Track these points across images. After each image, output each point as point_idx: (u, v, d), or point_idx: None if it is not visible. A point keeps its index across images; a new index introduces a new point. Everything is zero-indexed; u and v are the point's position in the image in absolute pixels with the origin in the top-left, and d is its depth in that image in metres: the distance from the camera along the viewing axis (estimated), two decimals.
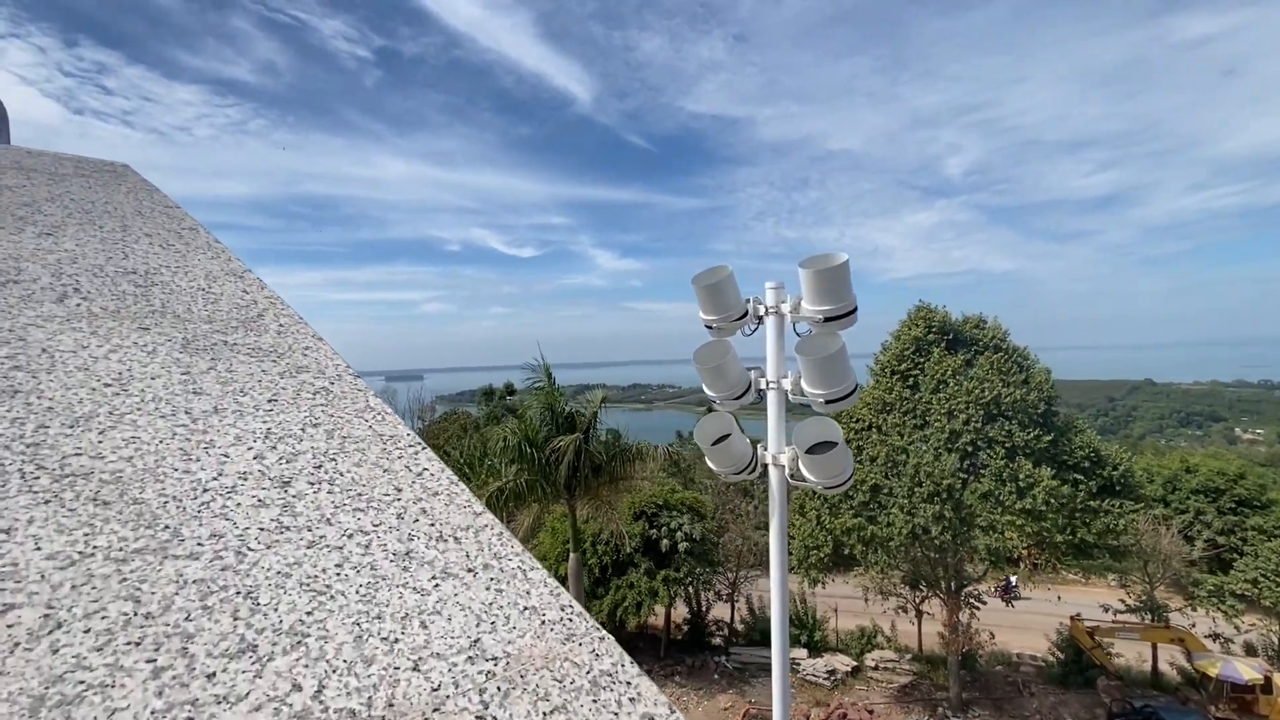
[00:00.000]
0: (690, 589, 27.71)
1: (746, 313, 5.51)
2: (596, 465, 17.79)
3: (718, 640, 29.03)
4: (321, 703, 0.65)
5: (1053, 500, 18.55)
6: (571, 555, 18.74)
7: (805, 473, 5.16)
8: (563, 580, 24.81)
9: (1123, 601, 25.37)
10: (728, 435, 5.62)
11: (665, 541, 25.69)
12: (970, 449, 19.82)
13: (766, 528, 33.11)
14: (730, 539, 29.40)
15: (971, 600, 23.38)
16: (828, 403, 4.99)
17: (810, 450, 5.19)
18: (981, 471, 19.66)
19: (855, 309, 4.98)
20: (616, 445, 18.18)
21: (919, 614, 26.68)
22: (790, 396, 5.21)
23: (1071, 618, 24.59)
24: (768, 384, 5.39)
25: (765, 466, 5.50)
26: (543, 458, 17.41)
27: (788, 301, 5.23)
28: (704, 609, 29.47)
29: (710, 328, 5.54)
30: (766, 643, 29.38)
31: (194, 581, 0.77)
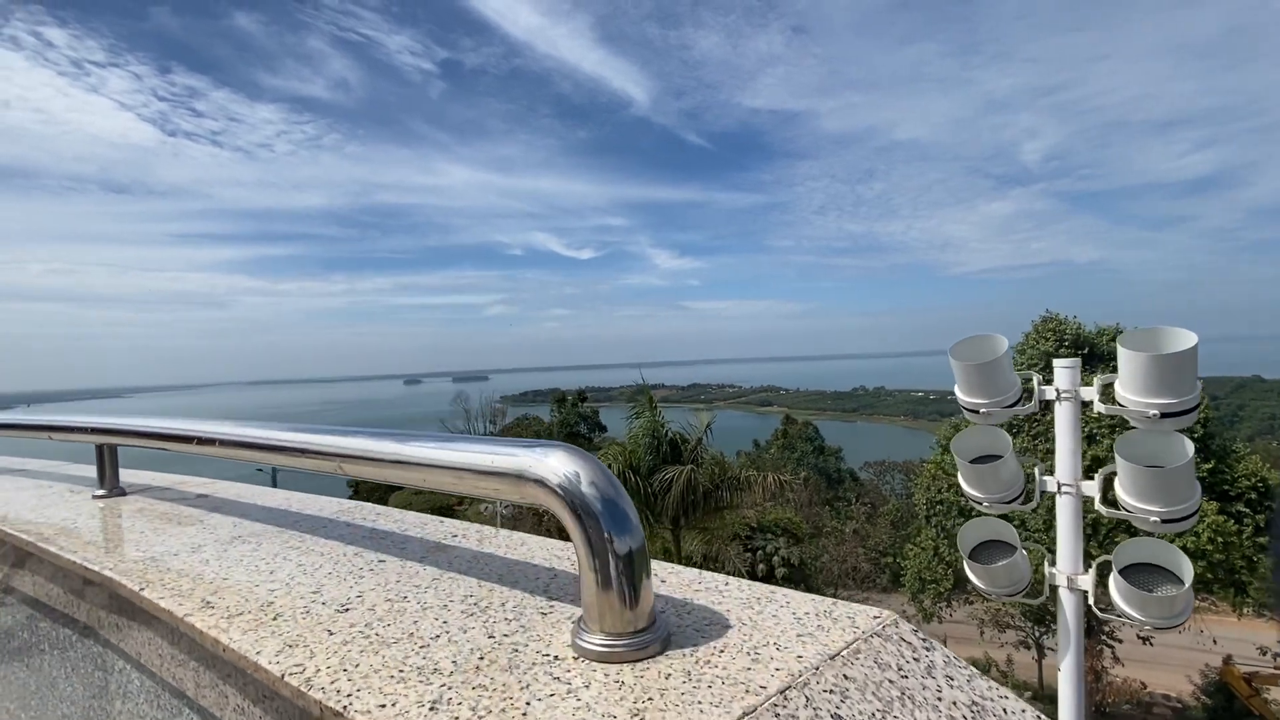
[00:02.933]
0: None
1: (1022, 396, 4.47)
2: (704, 494, 16.88)
3: None
4: None
5: (1219, 538, 16.46)
6: None
7: (1122, 604, 4.07)
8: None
9: None
10: (1002, 547, 4.59)
11: (762, 566, 24.61)
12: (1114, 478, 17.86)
13: (865, 547, 31.29)
14: (827, 561, 28.03)
15: (1106, 639, 21.30)
16: (1165, 522, 3.90)
17: (1126, 573, 4.10)
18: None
19: (1200, 403, 3.86)
20: (724, 474, 17.21)
21: (1040, 649, 24.62)
22: (1101, 508, 4.12)
23: (1224, 660, 22.11)
24: (1059, 487, 4.33)
25: (1053, 589, 4.44)
26: (648, 487, 16.65)
27: (1094, 385, 4.15)
28: None
29: (974, 412, 4.51)
30: None
31: None
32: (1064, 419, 4.25)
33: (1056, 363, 4.27)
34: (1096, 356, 19.76)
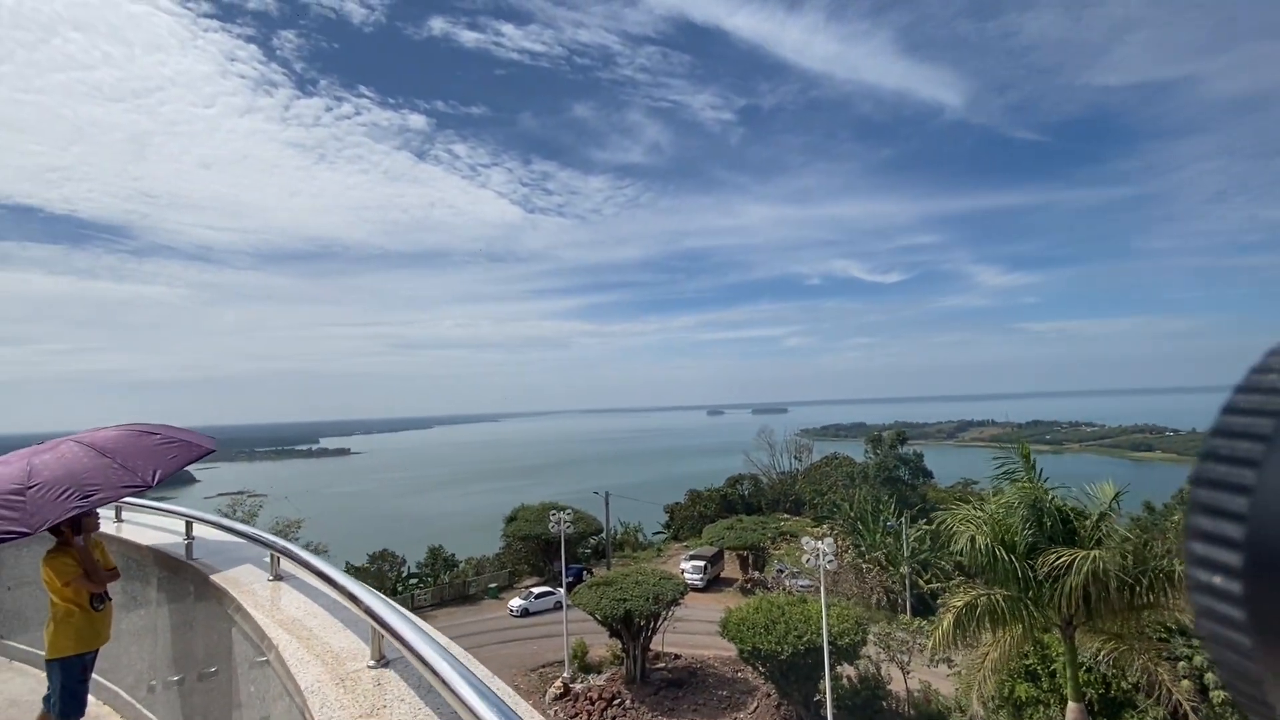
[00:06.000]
0: None
1: None
2: (1115, 588, 12.93)
3: None
4: None
5: None
6: (1072, 706, 14.02)
7: None
8: None
9: None
10: None
11: (1187, 683, 18.42)
12: None
13: None
14: None
15: None
16: None
17: None
18: None
19: None
20: (1143, 565, 13.00)
21: None
22: None
23: None
24: None
25: None
26: (1027, 571, 13.38)
27: None
28: None
29: None
30: None
31: None
32: None
33: None
34: None
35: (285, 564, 4.30)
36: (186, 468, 4.83)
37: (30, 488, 3.95)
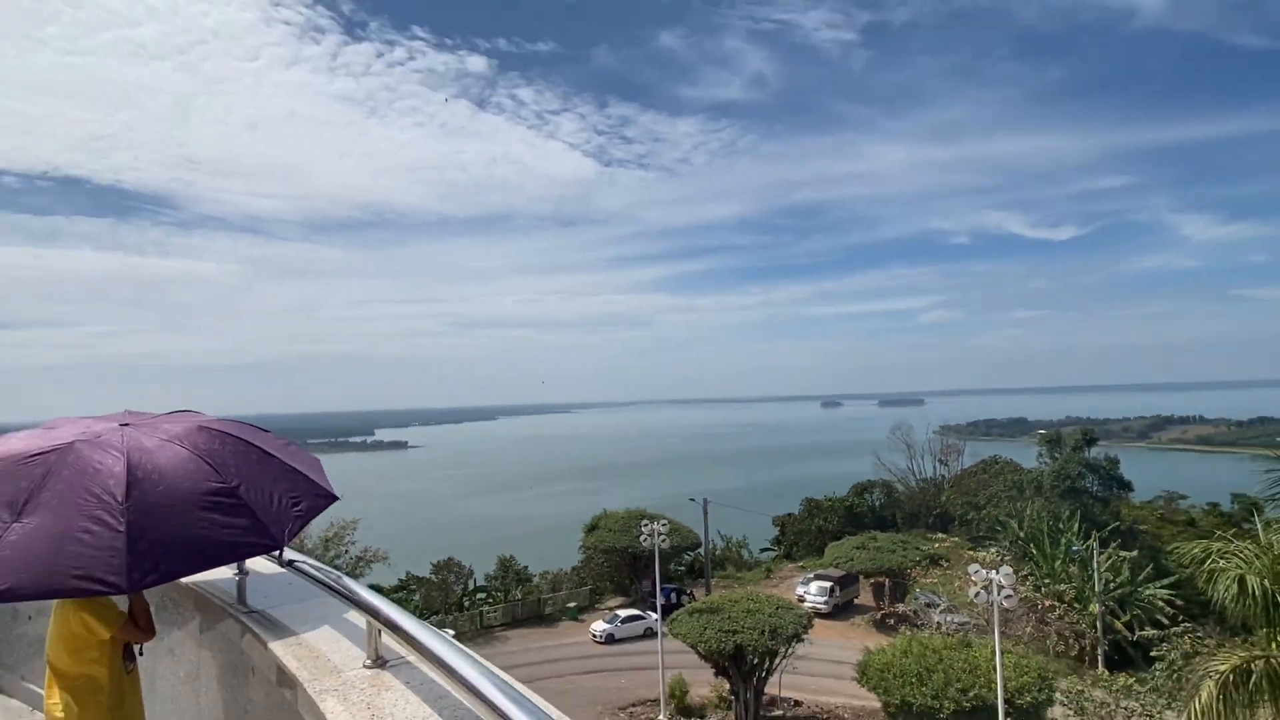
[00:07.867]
0: None
1: None
2: None
3: None
4: None
5: None
6: None
7: None
8: None
9: None
10: None
11: None
12: None
13: None
14: None
15: None
16: None
17: None
18: None
19: None
20: None
21: None
22: None
23: None
24: None
25: None
26: None
27: None
28: None
29: None
30: None
31: None
32: None
33: None
34: None
35: (390, 640, 2.95)
36: None
37: (238, 486, 3.10)
